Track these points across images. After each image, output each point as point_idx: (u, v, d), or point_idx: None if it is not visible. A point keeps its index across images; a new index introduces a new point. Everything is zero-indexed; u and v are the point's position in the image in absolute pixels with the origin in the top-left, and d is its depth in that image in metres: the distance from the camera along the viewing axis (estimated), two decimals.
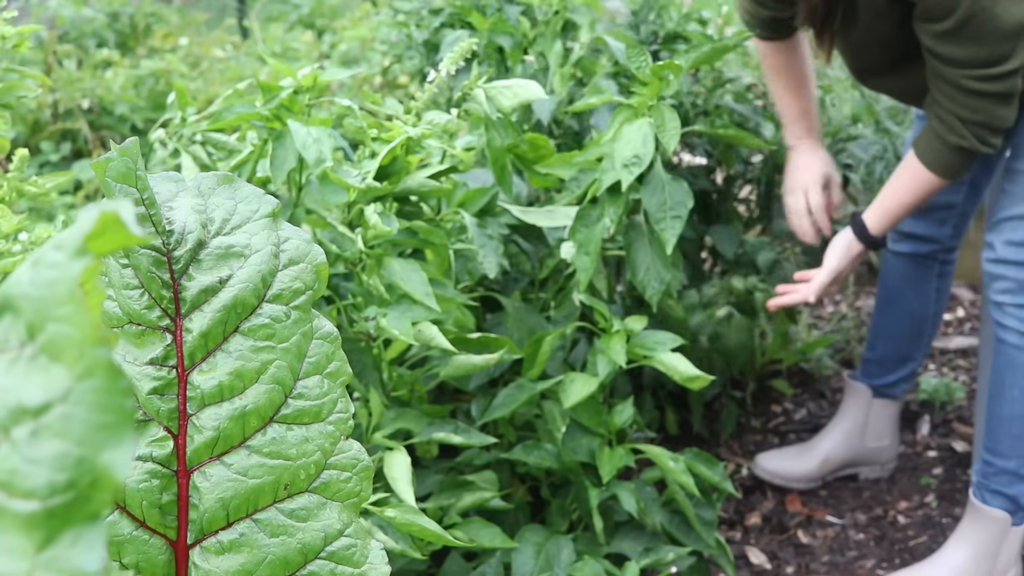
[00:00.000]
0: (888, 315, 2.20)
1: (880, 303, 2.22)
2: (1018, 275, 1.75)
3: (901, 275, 2.15)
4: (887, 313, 2.20)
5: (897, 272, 2.16)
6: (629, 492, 1.47)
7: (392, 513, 1.08)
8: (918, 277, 2.14)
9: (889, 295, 2.19)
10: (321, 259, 0.65)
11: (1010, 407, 1.80)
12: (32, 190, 1.17)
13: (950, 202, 2.05)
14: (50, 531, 0.24)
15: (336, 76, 1.40)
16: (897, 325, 2.19)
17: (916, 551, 2.05)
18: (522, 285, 1.71)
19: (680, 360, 1.41)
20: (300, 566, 0.62)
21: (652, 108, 1.43)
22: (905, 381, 2.25)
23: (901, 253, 2.14)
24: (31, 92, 1.23)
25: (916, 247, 2.12)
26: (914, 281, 2.15)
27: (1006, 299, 1.77)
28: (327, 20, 5.24)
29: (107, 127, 3.48)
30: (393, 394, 1.41)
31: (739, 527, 2.16)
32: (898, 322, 2.19)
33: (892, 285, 2.18)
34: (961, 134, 1.65)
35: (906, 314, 2.18)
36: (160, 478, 0.61)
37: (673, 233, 1.45)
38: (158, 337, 0.62)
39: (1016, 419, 1.79)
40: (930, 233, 2.09)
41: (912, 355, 2.22)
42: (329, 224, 1.35)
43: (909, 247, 2.13)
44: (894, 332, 2.20)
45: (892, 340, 2.20)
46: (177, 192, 0.66)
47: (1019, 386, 1.78)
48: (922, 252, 2.12)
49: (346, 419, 0.64)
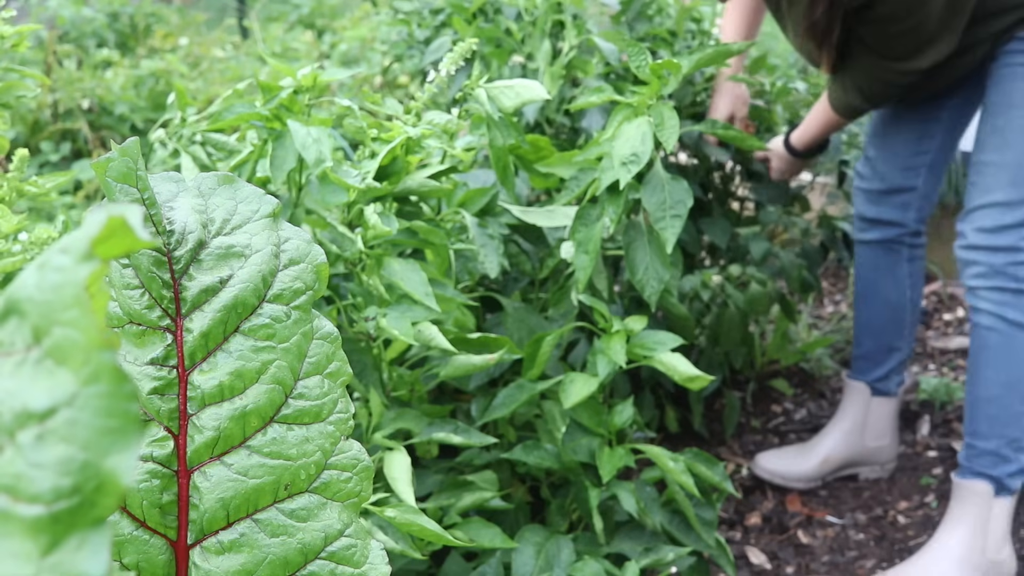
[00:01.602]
0: (866, 308, 2.26)
1: (857, 298, 2.28)
2: (989, 259, 1.83)
3: (873, 264, 2.22)
4: (865, 307, 2.26)
5: (869, 262, 2.23)
6: (629, 492, 1.47)
7: (392, 513, 1.08)
8: (889, 264, 2.20)
9: (865, 288, 2.25)
10: (321, 259, 0.65)
11: (985, 389, 1.86)
12: (32, 190, 1.17)
13: (911, 185, 2.14)
14: (55, 536, 0.24)
15: (336, 76, 1.40)
16: (877, 317, 2.24)
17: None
18: (522, 285, 1.71)
19: (680, 360, 1.41)
20: (300, 566, 0.62)
21: (651, 107, 1.43)
22: (896, 373, 2.28)
23: (870, 242, 2.21)
24: (31, 92, 1.23)
25: (883, 233, 2.18)
26: (886, 269, 2.21)
27: (979, 283, 1.85)
28: (327, 20, 5.24)
29: (107, 127, 3.48)
30: (393, 394, 1.41)
31: (739, 527, 2.16)
32: (877, 314, 2.24)
33: (866, 277, 2.24)
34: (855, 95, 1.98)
35: (883, 304, 2.23)
36: (160, 478, 0.61)
37: (673, 232, 1.45)
38: (159, 337, 0.62)
39: (992, 400, 1.86)
40: (895, 218, 2.17)
41: (896, 344, 2.26)
42: (329, 224, 1.35)
43: (877, 234, 2.19)
44: (875, 324, 2.25)
45: (875, 332, 2.26)
46: (177, 192, 0.66)
47: (992, 367, 1.85)
48: (890, 237, 2.19)
49: (346, 419, 0.64)
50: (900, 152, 2.13)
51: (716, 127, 1.57)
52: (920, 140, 2.11)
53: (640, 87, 1.45)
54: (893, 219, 2.17)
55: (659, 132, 1.41)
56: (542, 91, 1.42)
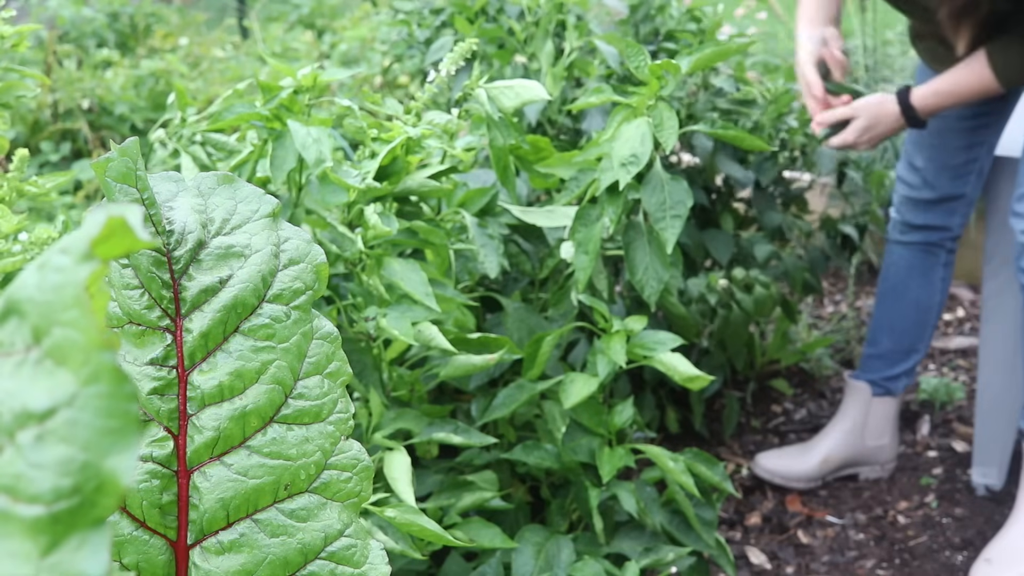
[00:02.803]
0: (893, 307, 2.23)
1: (884, 296, 2.25)
2: None
3: (908, 265, 2.19)
4: (892, 305, 2.23)
5: (904, 262, 2.20)
6: (629, 492, 1.47)
7: (392, 513, 1.08)
8: (926, 266, 2.18)
9: (895, 287, 2.22)
10: (321, 259, 0.65)
11: None
12: (32, 190, 1.17)
13: (961, 192, 2.12)
14: (55, 536, 0.24)
15: (336, 76, 1.40)
16: (903, 317, 2.22)
17: (916, 551, 2.05)
18: (522, 285, 1.71)
19: (680, 360, 1.41)
20: (300, 566, 0.62)
21: (650, 107, 1.43)
22: (907, 375, 2.27)
23: (910, 243, 2.18)
24: (31, 92, 1.23)
25: (926, 236, 2.17)
26: (921, 271, 2.19)
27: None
28: (327, 20, 5.24)
29: (107, 127, 3.48)
30: (393, 394, 1.41)
31: (739, 527, 2.16)
32: (904, 314, 2.22)
33: (898, 276, 2.21)
34: None
35: (912, 305, 2.21)
36: (160, 478, 0.61)
37: (673, 232, 1.45)
38: (158, 337, 0.62)
39: None
40: (941, 223, 2.15)
41: (916, 346, 2.25)
42: (329, 224, 1.35)
43: (919, 236, 2.17)
44: (900, 324, 2.23)
45: (897, 332, 2.23)
46: (177, 192, 0.66)
47: None
48: (932, 240, 2.17)
49: (346, 419, 0.64)
50: (951, 161, 2.10)
51: (716, 127, 1.57)
52: (971, 147, 2.09)
53: (639, 87, 1.45)
54: (940, 224, 2.15)
55: (658, 133, 1.41)
56: (542, 91, 1.42)
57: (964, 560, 2.02)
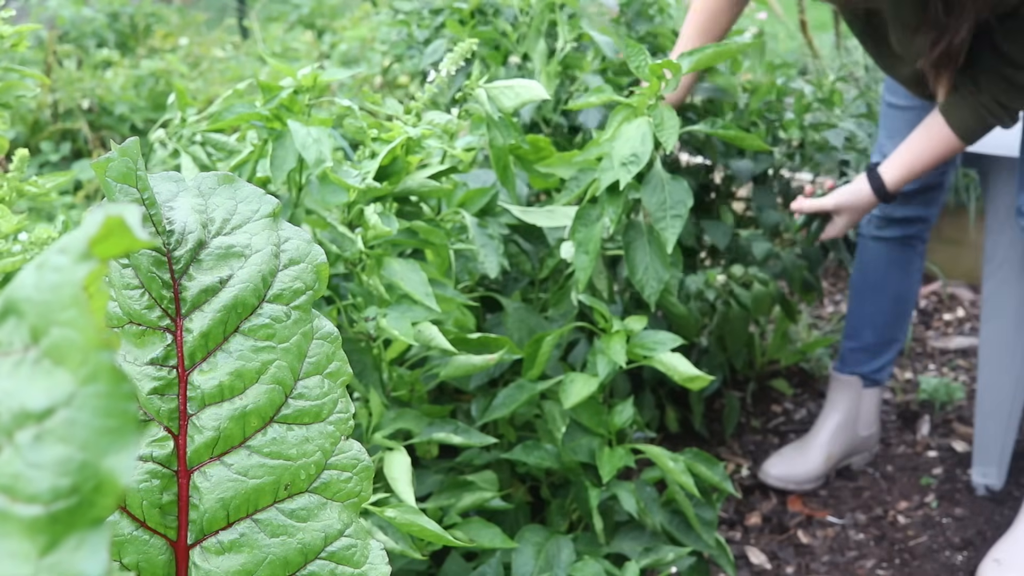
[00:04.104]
0: (873, 302, 2.24)
1: (861, 291, 2.26)
2: None
3: (888, 261, 2.20)
4: (871, 301, 2.24)
5: (883, 258, 2.20)
6: (629, 492, 1.47)
7: (392, 513, 1.08)
8: (904, 260, 2.20)
9: (875, 283, 2.23)
10: (321, 259, 0.65)
11: None
12: (32, 190, 1.17)
13: (940, 182, 2.13)
14: (53, 536, 0.24)
15: (336, 76, 1.40)
16: (884, 311, 2.24)
17: (916, 551, 2.05)
18: (522, 285, 1.71)
19: (680, 360, 1.41)
20: (300, 566, 0.62)
21: (651, 107, 1.43)
22: (891, 364, 2.31)
23: (888, 238, 2.19)
24: (31, 92, 1.23)
25: (904, 230, 2.17)
26: (900, 264, 2.20)
27: None
28: (327, 20, 5.24)
29: (107, 127, 3.48)
30: (393, 394, 1.41)
31: (739, 527, 2.16)
32: (885, 308, 2.24)
33: (877, 272, 2.22)
34: (998, 115, 1.79)
35: (892, 299, 2.23)
36: (160, 478, 0.61)
37: (673, 232, 1.45)
38: (158, 337, 0.62)
39: None
40: (919, 214, 2.16)
41: (897, 336, 2.28)
42: (329, 224, 1.35)
43: (897, 231, 2.17)
44: (881, 319, 2.25)
45: (880, 327, 2.25)
46: (177, 192, 0.66)
47: None
48: (910, 233, 2.17)
49: (346, 419, 0.64)
50: None
51: (716, 126, 1.57)
52: None
53: (639, 87, 1.45)
54: (917, 216, 2.16)
55: (659, 132, 1.41)
56: (542, 91, 1.42)
57: (964, 560, 2.02)
